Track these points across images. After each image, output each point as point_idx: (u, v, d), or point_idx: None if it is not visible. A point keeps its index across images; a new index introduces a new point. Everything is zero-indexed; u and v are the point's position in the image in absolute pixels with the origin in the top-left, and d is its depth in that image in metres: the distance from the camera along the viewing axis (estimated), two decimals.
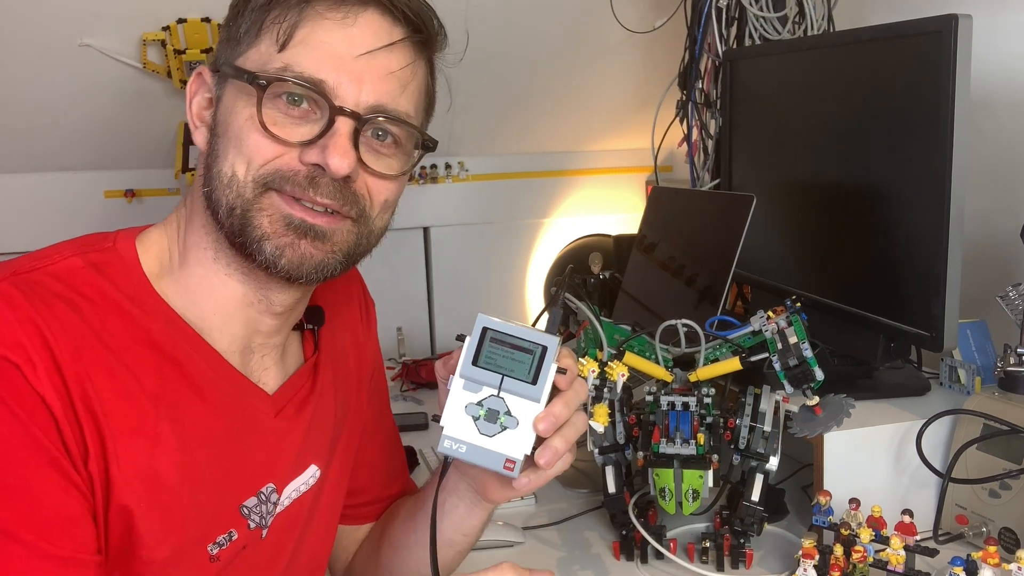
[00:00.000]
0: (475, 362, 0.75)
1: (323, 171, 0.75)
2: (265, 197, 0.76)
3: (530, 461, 0.76)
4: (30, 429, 0.67)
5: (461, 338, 0.77)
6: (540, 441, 0.76)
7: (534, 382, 0.75)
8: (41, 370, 0.68)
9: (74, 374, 0.69)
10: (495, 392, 0.75)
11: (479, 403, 0.75)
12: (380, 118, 0.77)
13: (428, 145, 0.83)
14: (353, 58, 0.75)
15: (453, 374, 0.76)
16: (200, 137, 0.80)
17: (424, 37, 0.81)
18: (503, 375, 0.75)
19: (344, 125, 0.75)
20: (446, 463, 0.81)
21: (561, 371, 0.76)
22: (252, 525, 0.82)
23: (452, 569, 0.96)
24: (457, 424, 0.75)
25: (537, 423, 0.75)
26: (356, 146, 0.76)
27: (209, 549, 0.78)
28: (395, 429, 1.08)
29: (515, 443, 0.75)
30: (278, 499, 0.85)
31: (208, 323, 0.80)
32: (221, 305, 0.80)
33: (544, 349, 0.75)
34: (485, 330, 0.76)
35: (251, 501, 0.82)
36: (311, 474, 0.90)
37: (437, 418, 0.80)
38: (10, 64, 1.64)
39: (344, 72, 0.75)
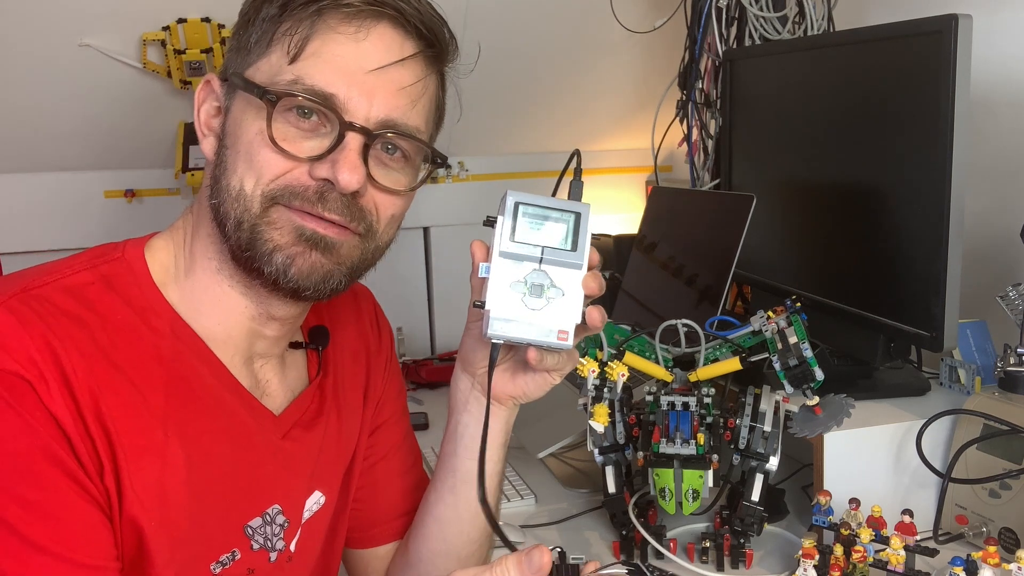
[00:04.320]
0: (512, 238, 0.74)
1: (332, 186, 0.75)
2: (273, 211, 0.75)
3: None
4: (47, 443, 0.67)
5: (489, 222, 0.75)
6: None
7: (574, 248, 0.74)
8: (53, 388, 0.68)
9: (85, 391, 0.70)
10: (537, 265, 0.74)
11: (522, 279, 0.74)
12: (390, 133, 0.76)
13: (437, 161, 0.83)
14: (364, 72, 0.75)
15: (485, 260, 0.75)
16: (208, 146, 0.80)
17: (436, 51, 0.80)
18: (543, 247, 0.74)
19: (354, 140, 0.75)
20: (494, 356, 0.77)
21: (595, 236, 0.75)
22: (255, 546, 0.82)
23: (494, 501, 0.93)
24: (503, 303, 0.73)
25: (588, 283, 0.74)
26: (365, 161, 0.75)
27: (212, 568, 0.78)
28: (416, 450, 1.05)
29: (564, 313, 0.74)
30: (284, 521, 0.85)
31: (213, 332, 0.80)
32: (224, 315, 0.80)
33: (578, 216, 0.75)
34: (517, 205, 0.74)
35: (256, 522, 0.82)
36: (315, 500, 0.89)
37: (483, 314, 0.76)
38: (10, 64, 1.63)
39: (355, 86, 0.74)
